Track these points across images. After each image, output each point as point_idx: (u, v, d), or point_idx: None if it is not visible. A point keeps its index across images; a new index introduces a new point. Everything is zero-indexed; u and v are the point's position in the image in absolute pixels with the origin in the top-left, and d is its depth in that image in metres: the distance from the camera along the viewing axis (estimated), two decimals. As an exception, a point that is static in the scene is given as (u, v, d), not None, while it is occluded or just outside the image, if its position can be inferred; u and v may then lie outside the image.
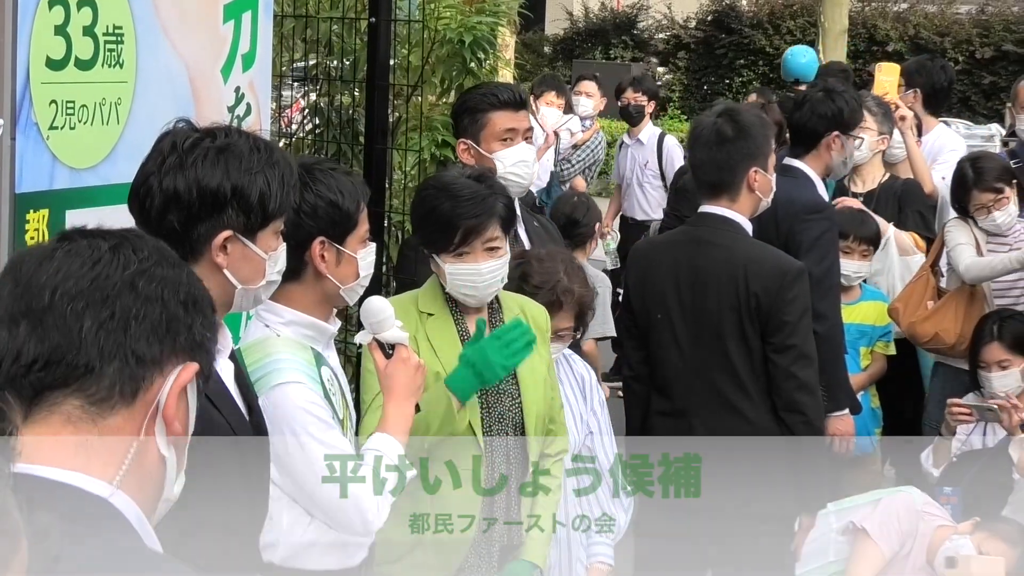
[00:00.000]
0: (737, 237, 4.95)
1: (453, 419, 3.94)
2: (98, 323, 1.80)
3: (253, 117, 4.81)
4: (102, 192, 4.00)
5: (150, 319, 1.83)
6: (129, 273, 1.84)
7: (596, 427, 4.59)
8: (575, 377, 4.62)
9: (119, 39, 4.12)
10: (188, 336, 1.88)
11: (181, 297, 1.88)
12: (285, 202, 3.03)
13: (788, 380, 4.83)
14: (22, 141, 3.79)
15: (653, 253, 5.15)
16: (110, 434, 1.81)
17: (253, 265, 2.99)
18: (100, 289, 1.82)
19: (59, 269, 1.82)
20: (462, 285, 4.06)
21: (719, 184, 4.94)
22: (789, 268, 4.90)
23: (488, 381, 3.94)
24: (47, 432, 1.78)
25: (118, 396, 1.81)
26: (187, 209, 2.90)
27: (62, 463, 1.77)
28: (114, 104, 4.13)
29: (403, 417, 3.52)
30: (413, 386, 3.53)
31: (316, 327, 3.50)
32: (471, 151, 5.12)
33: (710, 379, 4.88)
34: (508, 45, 18.64)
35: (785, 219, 5.69)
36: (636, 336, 5.09)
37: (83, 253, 1.85)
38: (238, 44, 4.72)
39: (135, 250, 1.88)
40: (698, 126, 5.07)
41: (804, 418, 4.84)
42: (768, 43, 24.81)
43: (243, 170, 2.93)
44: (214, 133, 2.99)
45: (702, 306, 4.90)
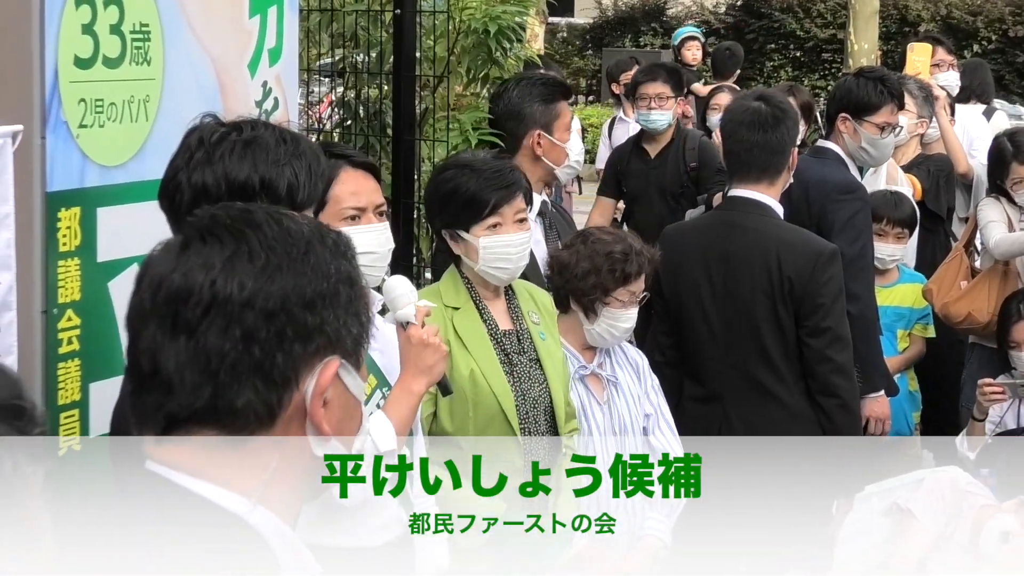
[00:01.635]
0: (769, 220, 4.96)
1: (491, 414, 3.98)
2: (221, 357, 1.74)
3: (281, 111, 4.84)
4: (133, 189, 4.04)
5: (276, 336, 1.75)
6: (247, 293, 1.75)
7: (653, 410, 4.66)
8: (629, 362, 4.69)
9: (146, 36, 4.16)
10: (322, 336, 1.79)
11: (307, 298, 1.78)
12: (313, 192, 3.06)
13: (823, 363, 4.84)
14: (52, 140, 3.82)
15: (683, 238, 5.18)
16: (250, 456, 1.76)
17: None
18: (219, 318, 1.74)
19: (178, 292, 1.75)
20: (496, 259, 4.07)
21: (768, 167, 4.94)
22: (822, 250, 4.92)
23: None
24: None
25: (255, 423, 1.76)
26: (216, 203, 2.93)
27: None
28: (142, 101, 4.16)
29: (405, 395, 3.45)
30: (422, 364, 3.46)
31: None
32: (542, 142, 5.15)
33: (743, 364, 4.90)
34: (537, 35, 18.71)
35: (817, 199, 5.71)
36: (667, 321, 5.11)
37: (200, 269, 1.76)
38: (264, 39, 4.74)
39: (251, 257, 1.78)
40: (739, 110, 5.07)
41: (839, 401, 4.85)
42: (799, 27, 24.73)
43: (271, 162, 2.97)
44: (240, 126, 3.02)
45: (734, 291, 4.91)
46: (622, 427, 4.56)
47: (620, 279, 4.48)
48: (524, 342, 4.21)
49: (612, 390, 4.60)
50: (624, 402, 4.59)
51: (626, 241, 4.56)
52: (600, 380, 4.58)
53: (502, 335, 4.17)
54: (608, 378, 4.61)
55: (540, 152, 5.16)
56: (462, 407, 3.90)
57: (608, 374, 4.61)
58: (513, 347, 4.17)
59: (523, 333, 4.22)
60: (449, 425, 3.90)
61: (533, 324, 4.24)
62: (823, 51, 24.05)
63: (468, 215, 4.05)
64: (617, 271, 4.48)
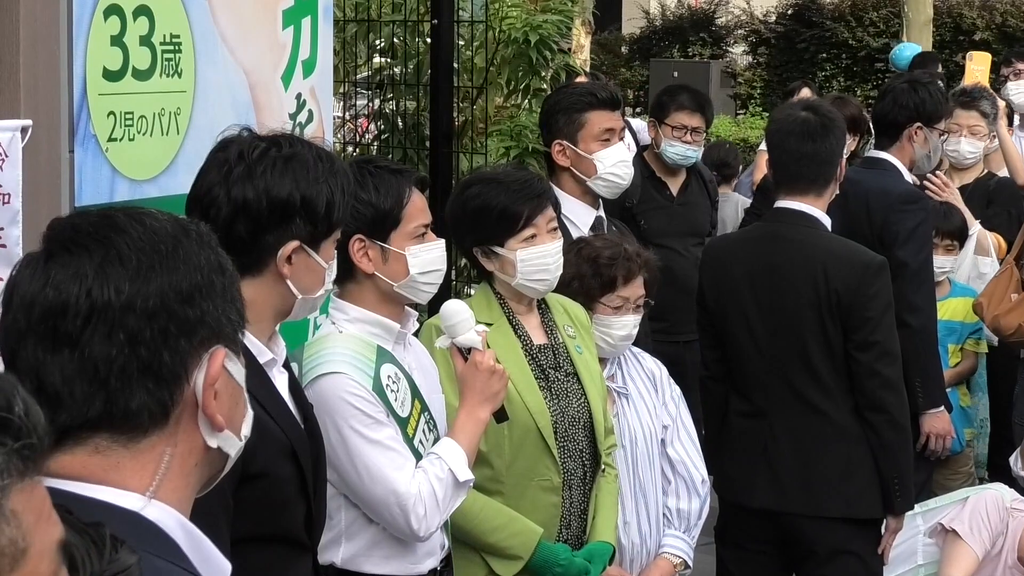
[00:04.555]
0: (816, 232, 4.91)
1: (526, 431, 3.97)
2: (108, 364, 1.76)
3: (315, 124, 4.84)
4: (163, 203, 4.01)
5: (160, 335, 1.78)
6: (125, 297, 1.78)
7: (671, 421, 4.62)
8: (645, 373, 4.67)
9: (177, 48, 4.16)
10: (204, 327, 1.83)
11: (185, 293, 1.81)
12: (346, 211, 3.09)
13: (871, 378, 4.78)
14: (80, 154, 3.83)
15: (728, 250, 5.13)
16: (144, 453, 1.79)
17: (315, 275, 3.04)
18: (100, 325, 1.76)
19: (54, 304, 1.77)
20: (534, 271, 4.05)
21: (816, 178, 4.90)
22: (870, 262, 4.86)
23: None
24: (74, 461, 1.76)
25: (149, 423, 1.79)
26: (256, 219, 2.94)
27: (94, 477, 1.76)
28: (173, 114, 4.17)
29: (472, 423, 3.53)
30: (488, 391, 3.54)
31: (382, 324, 3.53)
32: (567, 152, 5.12)
33: (790, 379, 4.85)
34: (583, 46, 18.70)
35: (879, 210, 5.67)
36: (712, 335, 5.07)
37: (72, 285, 1.78)
38: (298, 50, 4.74)
39: (122, 261, 1.80)
40: (787, 120, 5.02)
41: (888, 417, 4.79)
42: (851, 36, 24.60)
43: (310, 180, 2.98)
44: (279, 142, 3.03)
45: (780, 304, 4.87)
46: (632, 440, 4.52)
47: (605, 284, 4.47)
48: (560, 356, 4.19)
49: (622, 402, 4.57)
50: (635, 414, 4.56)
51: (618, 246, 4.54)
52: (610, 393, 4.53)
53: (537, 350, 4.15)
54: (617, 390, 4.57)
55: (566, 162, 5.13)
56: (496, 426, 3.88)
57: (617, 386, 4.58)
58: (549, 362, 4.15)
59: (559, 347, 4.20)
60: (483, 444, 3.89)
61: (569, 338, 4.22)
62: (876, 60, 23.91)
63: (502, 229, 4.04)
64: (603, 276, 4.46)
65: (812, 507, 4.83)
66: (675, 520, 4.57)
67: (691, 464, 4.62)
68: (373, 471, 3.38)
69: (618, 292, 4.48)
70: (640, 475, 4.53)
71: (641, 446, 4.54)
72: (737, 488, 4.98)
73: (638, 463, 4.53)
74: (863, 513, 4.85)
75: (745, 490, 4.95)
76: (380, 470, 3.38)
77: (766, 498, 4.88)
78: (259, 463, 2.87)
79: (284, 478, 2.97)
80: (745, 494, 4.95)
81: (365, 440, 3.37)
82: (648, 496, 4.54)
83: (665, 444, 4.62)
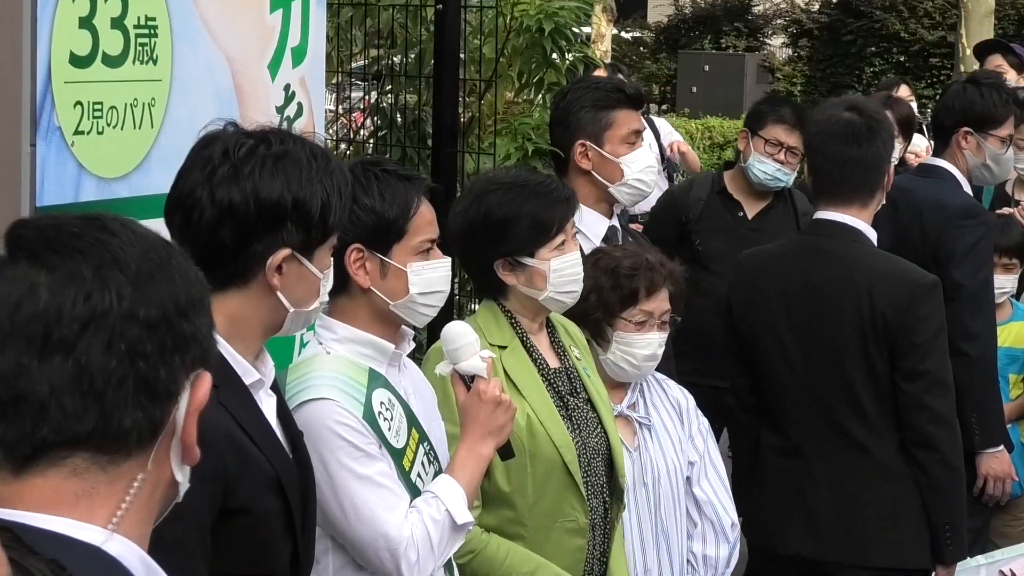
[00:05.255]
0: (860, 247, 4.92)
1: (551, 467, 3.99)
2: (106, 376, 1.77)
3: (305, 119, 4.85)
4: (135, 205, 4.03)
5: (158, 348, 1.79)
6: (127, 304, 1.78)
7: (699, 456, 4.63)
8: (670, 402, 4.68)
9: (152, 32, 4.17)
10: (196, 345, 1.84)
11: (181, 306, 1.82)
12: (342, 215, 3.10)
13: (920, 411, 4.80)
14: (43, 148, 3.83)
15: (761, 266, 5.15)
16: (120, 479, 1.80)
17: (308, 285, 3.06)
18: (100, 332, 1.77)
19: (47, 308, 1.76)
20: (566, 281, 4.09)
21: (861, 186, 4.91)
22: (921, 282, 4.87)
23: None
24: (44, 486, 1.77)
25: (135, 444, 1.80)
26: (243, 224, 2.96)
27: (61, 504, 1.76)
28: (147, 105, 4.17)
29: (474, 459, 3.54)
30: (492, 424, 3.54)
31: (375, 345, 3.54)
32: (589, 154, 5.12)
33: (829, 411, 4.86)
34: (604, 36, 18.73)
35: (934, 225, 5.69)
36: (742, 361, 5.09)
37: (70, 287, 1.77)
38: (287, 36, 4.75)
39: (121, 268, 1.80)
40: (829, 121, 5.03)
41: (939, 456, 4.80)
42: (903, 28, 24.64)
43: (303, 180, 3.00)
44: (268, 139, 3.04)
45: (819, 327, 4.88)
46: (655, 477, 4.52)
47: (626, 297, 4.48)
48: (574, 381, 4.21)
49: (644, 434, 4.57)
50: (658, 448, 4.56)
51: (639, 256, 4.56)
52: (630, 423, 4.55)
53: (553, 375, 4.16)
54: (640, 420, 4.58)
55: (588, 165, 5.13)
56: (519, 461, 3.88)
57: (640, 416, 4.59)
58: (565, 387, 4.16)
59: (571, 371, 4.22)
60: (505, 484, 3.90)
61: (576, 360, 4.25)
62: (931, 55, 23.94)
63: (535, 238, 4.07)
64: (624, 288, 4.47)
65: (853, 555, 4.84)
66: (701, 568, 4.58)
67: (720, 505, 4.63)
68: (361, 511, 3.37)
69: (641, 306, 4.49)
70: (663, 517, 4.53)
71: (665, 484, 4.54)
72: (769, 533, 5.00)
73: (661, 503, 4.53)
74: (909, 563, 4.87)
75: (778, 535, 4.96)
76: (369, 510, 3.37)
77: (802, 544, 4.90)
78: (241, 496, 2.87)
79: (269, 513, 2.97)
80: (778, 540, 4.96)
81: (353, 475, 3.37)
82: (671, 540, 4.55)
83: (691, 483, 4.62)
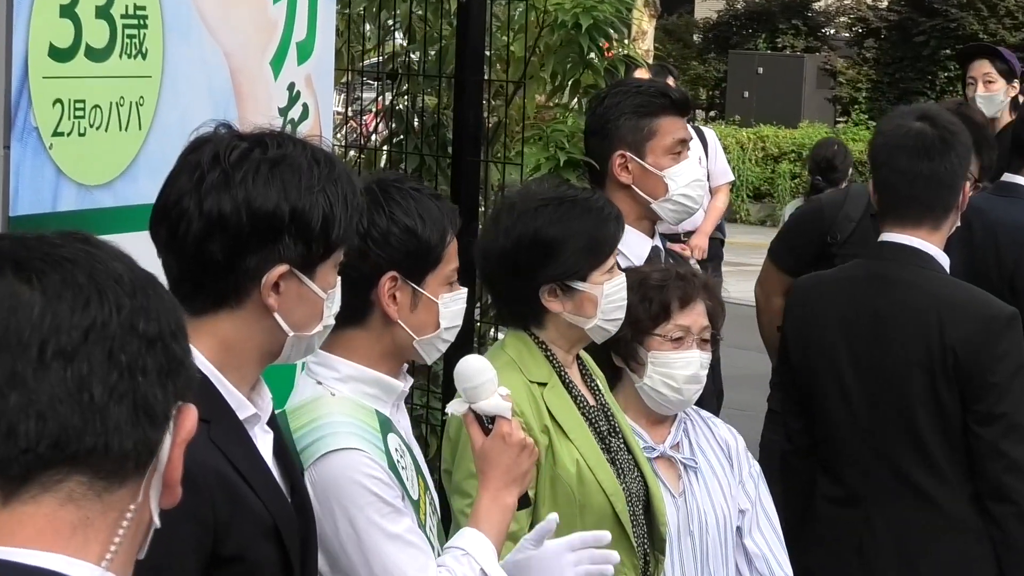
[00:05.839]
0: (930, 274, 4.92)
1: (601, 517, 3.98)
2: (108, 389, 1.78)
3: (311, 122, 4.86)
4: (119, 215, 4.05)
5: (156, 367, 1.82)
6: (126, 313, 1.81)
7: (750, 504, 4.62)
8: (718, 443, 4.66)
9: (141, 23, 4.18)
10: (185, 371, 1.86)
11: (173, 327, 1.86)
12: (349, 228, 3.08)
13: (995, 459, 4.79)
14: (18, 151, 3.83)
15: (819, 292, 5.14)
16: (113, 510, 1.81)
17: (309, 306, 3.04)
18: (101, 342, 1.80)
19: (43, 316, 1.79)
20: (614, 307, 4.12)
21: (933, 205, 4.90)
22: (998, 314, 4.87)
23: None
24: (36, 515, 1.78)
25: (133, 467, 1.81)
26: (234, 237, 2.95)
27: (56, 538, 1.77)
28: (135, 104, 4.18)
29: (499, 510, 3.52)
30: (517, 471, 3.53)
31: (381, 384, 3.52)
32: (630, 166, 5.08)
33: (892, 456, 4.85)
34: (645, 32, 18.77)
35: (1011, 248, 5.73)
36: (796, 399, 5.08)
37: (66, 294, 1.81)
38: (292, 30, 4.77)
39: (115, 279, 1.83)
40: (898, 132, 5.02)
41: (1016, 508, 4.80)
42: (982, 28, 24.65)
43: (303, 188, 2.98)
44: (264, 142, 3.03)
45: (882, 362, 4.87)
46: (702, 526, 4.49)
47: (658, 312, 4.45)
48: (612, 420, 4.22)
49: (690, 478, 4.54)
50: (706, 493, 4.53)
51: (668, 269, 4.58)
52: (674, 465, 4.53)
53: (593, 413, 4.17)
54: (684, 462, 4.54)
55: (628, 179, 5.08)
56: (569, 511, 3.89)
57: (685, 457, 4.56)
58: (605, 427, 4.17)
59: (606, 408, 4.23)
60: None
61: (607, 393, 4.27)
62: (1012, 60, 23.96)
63: (589, 260, 4.09)
64: (653, 301, 4.45)
65: (917, 618, 4.83)
66: None
67: (773, 559, 4.61)
68: (393, 574, 3.36)
69: (675, 320, 4.46)
70: (711, 570, 4.51)
71: (713, 534, 4.52)
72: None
73: (708, 555, 4.51)
74: (981, 627, 4.85)
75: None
76: (401, 572, 3.36)
77: (860, 606, 4.88)
78: (234, 543, 2.86)
79: (264, 563, 2.95)
80: (834, 600, 4.94)
81: (383, 534, 3.35)
82: None
83: (742, 533, 4.60)
